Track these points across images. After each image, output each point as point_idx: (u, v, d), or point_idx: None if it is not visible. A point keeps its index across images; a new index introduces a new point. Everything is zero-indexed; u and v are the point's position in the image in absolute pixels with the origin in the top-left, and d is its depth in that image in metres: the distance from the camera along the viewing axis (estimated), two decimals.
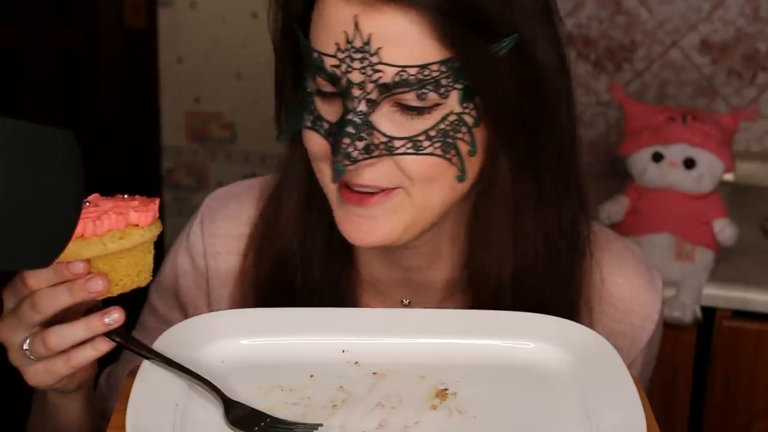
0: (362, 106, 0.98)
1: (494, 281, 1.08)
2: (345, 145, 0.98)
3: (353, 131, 0.98)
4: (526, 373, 1.00)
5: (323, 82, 1.00)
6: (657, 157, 2.00)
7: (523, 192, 1.05)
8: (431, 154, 0.99)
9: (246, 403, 0.94)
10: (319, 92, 1.01)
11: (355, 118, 0.98)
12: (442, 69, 0.97)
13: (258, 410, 0.94)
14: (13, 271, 0.89)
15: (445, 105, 0.99)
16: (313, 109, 1.02)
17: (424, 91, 0.98)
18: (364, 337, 1.03)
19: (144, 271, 0.97)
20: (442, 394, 0.97)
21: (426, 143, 0.99)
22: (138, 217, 0.94)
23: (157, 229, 0.96)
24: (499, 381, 0.99)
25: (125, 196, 0.97)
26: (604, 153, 2.41)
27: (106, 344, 0.96)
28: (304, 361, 1.01)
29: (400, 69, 0.97)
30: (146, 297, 1.23)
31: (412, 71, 0.97)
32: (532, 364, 1.01)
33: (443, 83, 0.98)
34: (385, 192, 1.02)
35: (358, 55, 0.97)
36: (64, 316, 0.97)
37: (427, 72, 0.97)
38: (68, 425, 1.10)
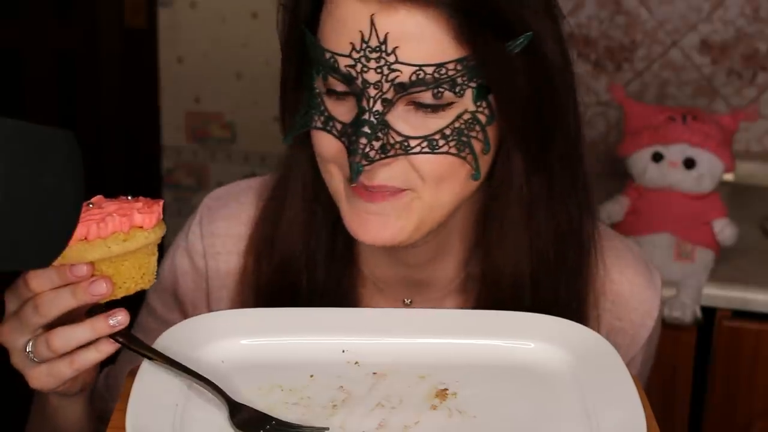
0: (378, 106, 0.98)
1: (511, 279, 1.08)
2: (362, 146, 0.97)
3: (369, 131, 0.97)
4: (526, 373, 1.00)
5: (335, 82, 0.99)
6: (657, 157, 2.00)
7: (535, 190, 1.06)
8: (447, 153, 0.99)
9: (249, 405, 0.94)
10: (329, 92, 1.01)
11: (372, 118, 0.97)
12: (458, 67, 0.97)
13: (264, 413, 0.93)
14: (13, 271, 0.88)
15: (460, 103, 0.99)
16: (323, 109, 1.01)
17: (440, 89, 0.97)
18: (364, 337, 1.03)
19: (148, 273, 0.97)
20: (442, 394, 0.97)
21: (441, 142, 0.99)
22: (142, 219, 0.94)
23: (161, 231, 0.95)
24: (499, 381, 0.99)
25: (129, 198, 0.96)
26: (604, 153, 2.41)
27: (110, 346, 0.96)
28: (304, 361, 1.01)
29: (417, 68, 0.96)
30: (144, 297, 1.23)
31: (429, 70, 0.96)
32: (532, 364, 1.01)
33: (459, 82, 0.98)
34: (394, 192, 1.01)
35: (374, 55, 0.96)
36: (66, 318, 0.96)
37: (443, 71, 0.97)
38: (68, 428, 1.09)
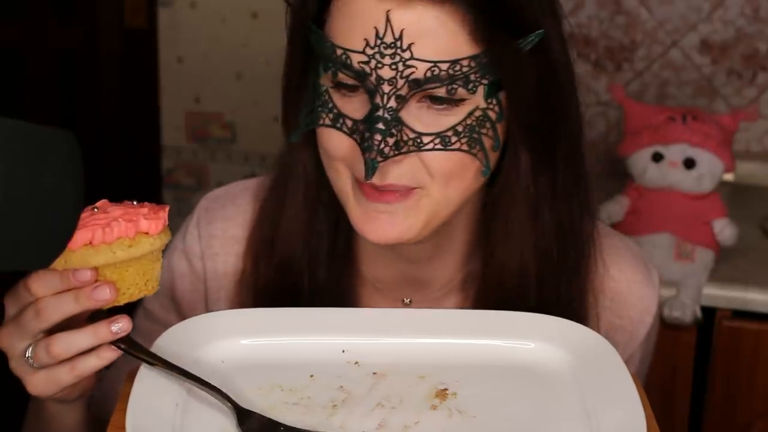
0: (392, 102, 0.97)
1: (516, 278, 1.08)
2: (377, 142, 0.97)
3: (383, 128, 0.97)
4: (526, 373, 1.00)
5: (345, 79, 0.99)
6: (657, 157, 2.00)
7: (541, 188, 1.06)
8: (458, 149, 0.99)
9: (251, 405, 0.94)
10: (338, 88, 1.00)
11: (386, 115, 0.97)
12: (472, 64, 0.97)
13: (272, 419, 0.93)
14: (13, 271, 0.88)
15: (472, 100, 0.99)
16: (332, 106, 1.01)
17: (454, 86, 0.97)
18: (364, 337, 1.03)
19: (152, 279, 0.95)
20: (442, 394, 0.97)
21: (454, 139, 0.99)
22: (148, 225, 0.92)
23: (166, 238, 0.94)
24: (499, 381, 0.99)
25: (134, 203, 0.95)
26: (604, 153, 2.41)
27: (111, 352, 0.94)
28: (304, 361, 1.01)
29: (432, 64, 0.96)
30: (140, 300, 1.22)
31: (444, 66, 0.96)
32: (532, 364, 1.01)
33: (472, 78, 0.98)
34: (403, 192, 1.01)
35: (388, 51, 0.96)
36: (67, 324, 0.94)
37: (457, 67, 0.97)
38: None
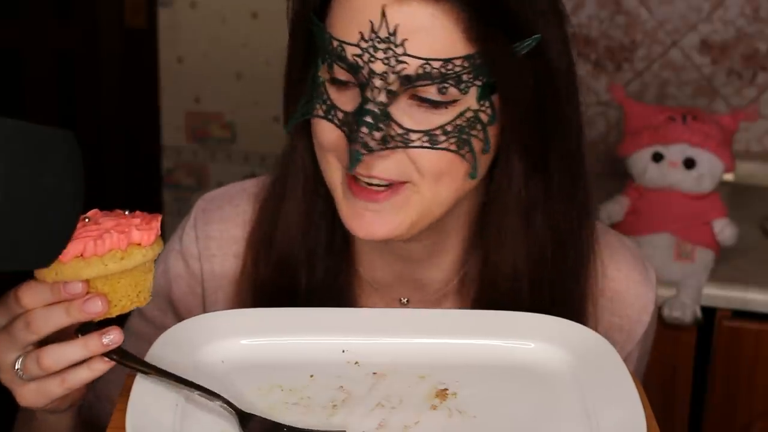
0: (382, 97, 0.98)
1: (509, 281, 1.08)
2: (363, 135, 0.97)
3: (371, 121, 0.97)
4: (526, 373, 1.00)
5: (340, 71, 1.00)
6: (657, 157, 2.00)
7: (533, 193, 1.06)
8: (446, 149, 0.99)
9: (251, 405, 0.94)
10: (333, 82, 1.01)
11: (375, 108, 0.98)
12: (465, 64, 0.97)
13: (275, 421, 0.92)
14: (14, 271, 0.88)
15: (463, 101, 0.99)
16: (326, 98, 1.01)
17: (446, 85, 0.97)
18: (364, 337, 1.03)
19: (144, 291, 0.94)
20: (442, 394, 0.97)
21: (442, 138, 0.99)
22: (140, 236, 0.91)
23: (159, 248, 0.93)
24: (499, 381, 0.99)
25: (126, 213, 0.93)
26: (604, 153, 2.41)
27: (102, 364, 0.93)
28: (304, 361, 1.01)
29: (424, 62, 0.96)
30: None
31: (436, 65, 0.97)
32: (532, 364, 1.01)
33: (464, 79, 0.98)
34: (393, 188, 1.01)
35: (382, 46, 0.96)
36: (57, 335, 0.93)
37: (450, 66, 0.97)
38: None
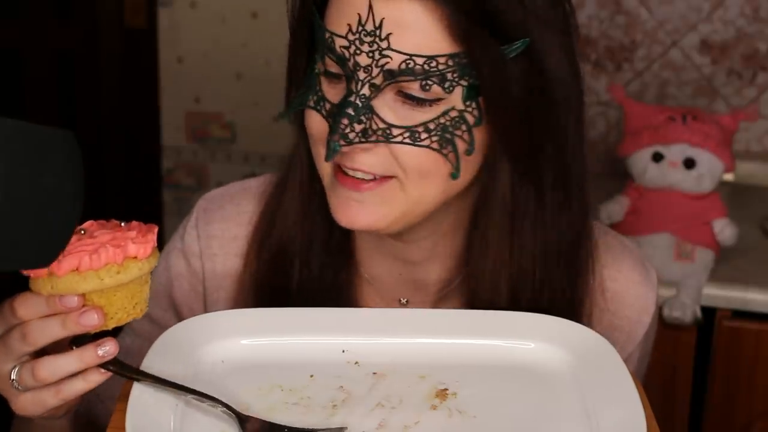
0: (365, 90, 0.98)
1: (490, 286, 1.08)
2: (343, 126, 0.98)
3: (353, 113, 0.98)
4: (526, 373, 1.00)
5: (331, 64, 1.00)
6: (657, 157, 2.00)
7: (522, 199, 1.05)
8: (427, 147, 0.99)
9: (250, 405, 0.94)
10: (326, 73, 1.02)
11: (357, 101, 0.98)
12: (450, 63, 0.97)
13: (274, 423, 0.92)
14: (14, 271, 0.88)
15: (448, 100, 0.99)
16: (318, 89, 1.02)
17: (429, 82, 0.97)
18: (364, 337, 1.03)
19: (140, 302, 0.94)
20: (442, 394, 0.97)
21: (424, 135, 0.99)
22: (136, 250, 0.91)
23: (155, 260, 0.93)
24: (499, 381, 0.99)
25: (122, 224, 0.93)
26: (604, 153, 2.41)
27: (98, 375, 0.92)
28: (304, 361, 1.01)
29: (407, 57, 0.97)
30: None
31: (419, 61, 0.97)
32: (532, 364, 1.01)
33: (449, 77, 0.98)
34: (378, 180, 1.01)
35: (367, 39, 0.97)
36: (53, 346, 0.93)
37: (434, 64, 0.97)
38: None
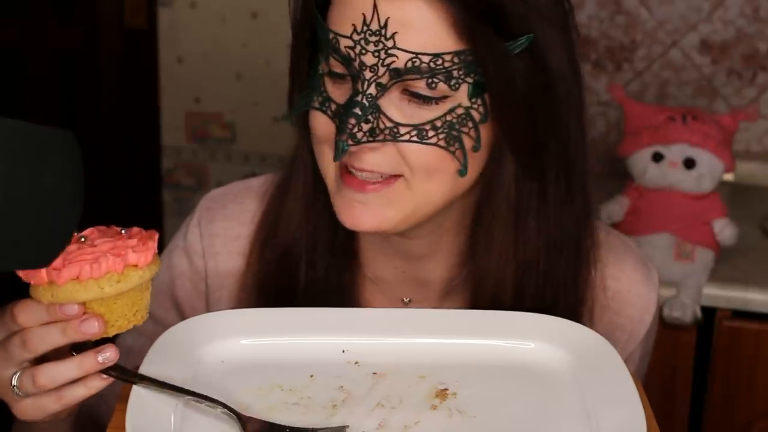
0: (372, 89, 0.98)
1: (494, 282, 1.08)
2: (351, 126, 0.98)
3: (360, 113, 0.98)
4: (526, 373, 1.00)
5: (336, 64, 1.00)
6: (657, 157, 2.00)
7: (526, 194, 1.05)
8: (435, 144, 0.99)
9: (250, 405, 0.94)
10: (330, 74, 1.02)
11: (364, 100, 0.98)
12: (455, 60, 0.98)
13: (276, 423, 0.92)
14: (14, 273, 0.88)
15: (454, 97, 0.99)
16: (322, 90, 1.02)
17: (435, 80, 0.98)
18: (364, 337, 1.03)
19: (141, 309, 0.94)
20: (442, 394, 0.97)
21: (431, 133, 0.99)
22: (137, 258, 0.91)
23: (156, 268, 0.93)
24: (499, 381, 0.99)
25: (122, 231, 0.93)
26: (604, 153, 2.41)
27: (99, 381, 0.93)
28: (304, 361, 1.01)
29: (413, 55, 0.97)
30: None
31: (425, 59, 0.97)
32: (532, 364, 1.01)
33: (454, 75, 0.98)
34: (384, 181, 1.02)
35: (373, 38, 0.97)
36: (53, 353, 0.93)
37: (439, 61, 0.97)
38: None
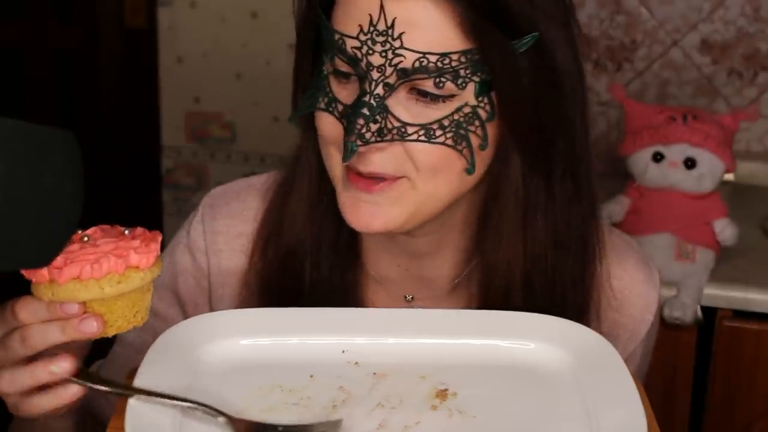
0: (379, 90, 0.98)
1: (504, 279, 1.08)
2: (359, 126, 0.98)
3: (368, 113, 0.98)
4: (527, 373, 1.00)
5: (342, 64, 1.00)
6: (657, 157, 2.00)
7: (533, 191, 1.06)
8: (443, 143, 1.00)
9: (249, 405, 0.94)
10: (335, 75, 1.02)
11: (371, 101, 0.98)
12: (462, 59, 0.98)
13: (268, 423, 0.92)
14: (14, 271, 0.88)
15: (461, 96, 0.99)
16: (328, 91, 1.02)
17: (442, 79, 0.98)
18: (364, 337, 1.03)
19: (141, 311, 0.93)
20: (443, 394, 0.97)
21: (438, 132, 0.99)
22: (139, 260, 0.90)
23: (158, 270, 0.93)
24: (499, 381, 0.99)
25: (126, 232, 0.93)
26: (604, 153, 2.41)
27: (61, 397, 0.92)
28: (304, 361, 1.00)
29: (420, 55, 0.97)
30: None
31: (433, 58, 0.97)
32: (532, 364, 1.01)
33: (462, 74, 0.98)
34: (389, 181, 1.02)
35: (380, 38, 0.97)
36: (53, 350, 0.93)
37: (447, 61, 0.97)
38: None
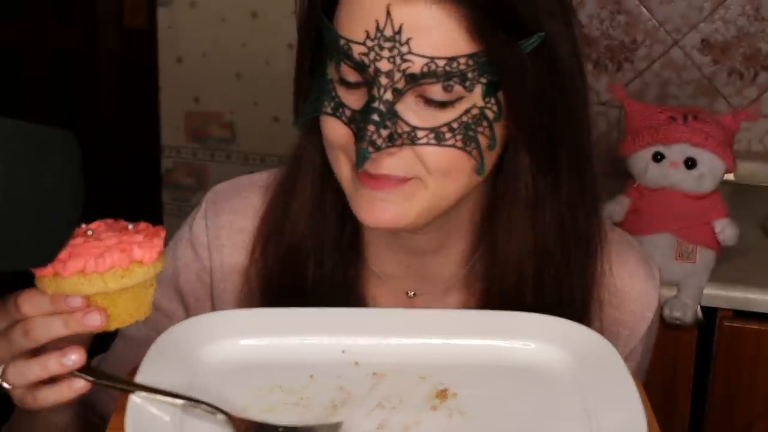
0: (388, 95, 0.98)
1: (514, 277, 1.09)
2: (370, 133, 0.98)
3: (378, 119, 0.98)
4: (527, 373, 1.00)
5: (347, 70, 1.00)
6: (658, 157, 2.00)
7: (540, 189, 1.07)
8: (452, 146, 1.00)
9: (249, 405, 0.94)
10: (341, 80, 1.02)
11: (381, 107, 0.98)
12: (470, 62, 0.98)
13: (270, 423, 0.92)
14: (14, 271, 0.88)
15: (469, 98, 0.99)
16: (334, 95, 1.02)
17: (451, 83, 0.98)
18: (364, 337, 1.03)
19: (144, 305, 0.94)
20: (443, 394, 0.97)
21: (448, 135, 1.00)
22: (142, 254, 0.91)
23: (161, 265, 0.93)
24: (499, 381, 0.99)
25: (130, 226, 0.93)
26: (604, 152, 2.41)
27: (68, 391, 0.93)
28: (304, 361, 1.00)
29: (428, 60, 0.97)
30: None
31: (441, 63, 0.97)
32: (532, 365, 1.01)
33: (469, 76, 0.98)
34: (401, 180, 1.02)
35: (387, 44, 0.97)
36: (56, 344, 0.93)
37: (455, 64, 0.98)
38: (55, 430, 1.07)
